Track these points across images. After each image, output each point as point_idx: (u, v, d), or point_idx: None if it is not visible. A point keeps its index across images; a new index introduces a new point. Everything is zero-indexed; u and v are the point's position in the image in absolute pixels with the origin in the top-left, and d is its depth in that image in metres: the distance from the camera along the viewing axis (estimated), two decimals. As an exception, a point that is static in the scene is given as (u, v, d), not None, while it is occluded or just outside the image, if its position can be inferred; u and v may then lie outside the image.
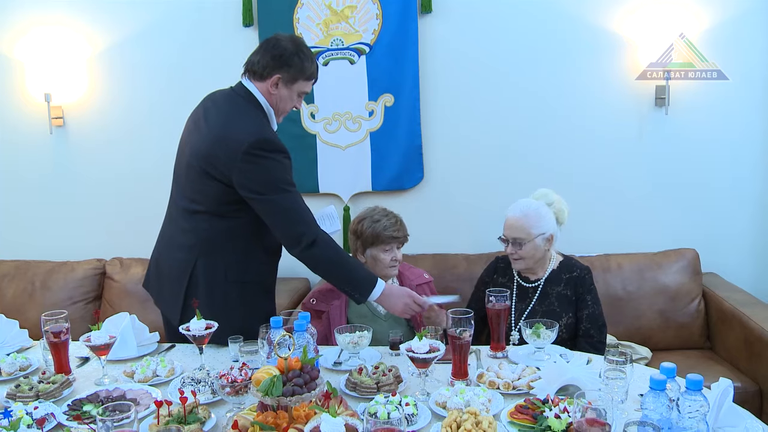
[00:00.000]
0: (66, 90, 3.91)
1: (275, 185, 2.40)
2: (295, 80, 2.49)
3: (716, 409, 1.74)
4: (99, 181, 4.00)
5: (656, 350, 3.31)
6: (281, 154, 2.44)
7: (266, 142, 2.40)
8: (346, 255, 2.55)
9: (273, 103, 2.52)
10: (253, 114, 2.48)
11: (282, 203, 2.41)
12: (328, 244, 2.45)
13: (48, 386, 2.11)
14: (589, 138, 3.78)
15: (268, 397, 1.69)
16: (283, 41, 2.49)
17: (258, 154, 2.37)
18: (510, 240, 2.79)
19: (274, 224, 2.44)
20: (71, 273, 3.81)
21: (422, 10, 3.73)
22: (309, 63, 2.51)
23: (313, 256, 2.43)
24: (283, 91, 2.50)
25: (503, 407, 1.96)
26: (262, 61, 2.48)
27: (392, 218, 2.89)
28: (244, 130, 2.41)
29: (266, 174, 2.40)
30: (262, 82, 2.49)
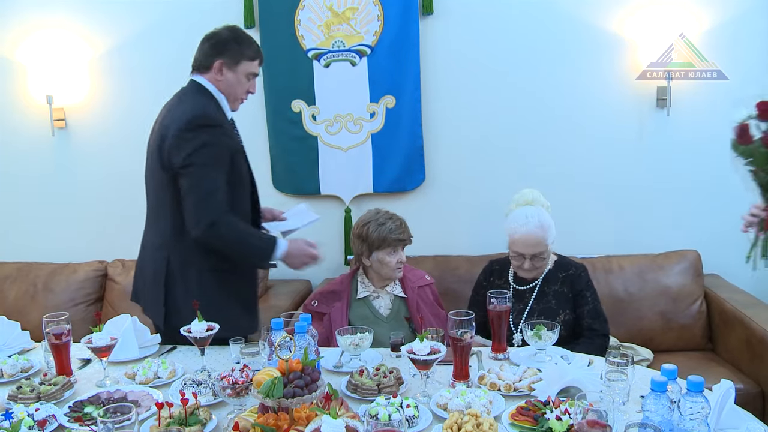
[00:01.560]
0: (68, 92, 3.92)
1: (202, 157, 2.43)
2: (237, 62, 2.56)
3: (717, 411, 1.73)
4: (101, 183, 4.00)
5: (658, 352, 3.31)
6: (217, 129, 2.48)
7: (203, 117, 2.46)
8: (246, 233, 2.54)
9: (223, 89, 2.58)
10: (198, 98, 2.55)
11: (199, 179, 2.43)
12: (227, 227, 2.46)
13: (49, 388, 2.11)
14: (591, 139, 3.78)
15: (269, 399, 1.69)
16: (220, 31, 2.62)
17: (193, 129, 2.43)
18: (529, 256, 2.78)
19: (184, 200, 2.46)
20: (73, 275, 3.82)
21: (423, 12, 3.73)
22: (247, 45, 2.60)
23: (210, 236, 2.45)
24: (229, 75, 2.57)
25: (504, 409, 1.96)
26: (203, 52, 2.60)
27: (396, 221, 2.90)
28: (184, 111, 2.49)
29: (196, 147, 2.43)
30: (209, 72, 2.57)
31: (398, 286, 2.91)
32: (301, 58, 3.78)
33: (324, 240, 3.93)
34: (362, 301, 2.90)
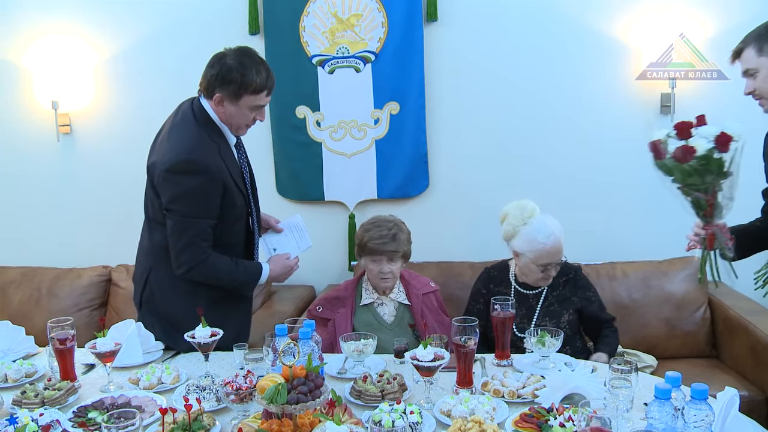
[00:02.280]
0: (73, 97, 3.94)
1: (183, 206, 2.43)
2: (238, 96, 2.44)
3: (722, 419, 1.73)
4: (105, 188, 4.01)
5: (662, 359, 3.30)
6: (203, 177, 2.42)
7: (188, 162, 2.41)
8: (225, 272, 2.53)
9: (224, 120, 2.52)
10: (194, 133, 2.48)
11: (180, 225, 2.45)
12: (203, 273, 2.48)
13: (53, 393, 2.11)
14: (595, 145, 3.79)
15: (272, 405, 1.69)
16: (226, 57, 2.46)
17: (177, 174, 2.41)
18: (553, 265, 2.84)
19: (170, 242, 2.48)
20: (77, 280, 3.83)
21: (427, 19, 3.74)
22: (253, 75, 2.43)
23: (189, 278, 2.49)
24: (230, 107, 2.47)
25: (508, 416, 1.96)
26: (205, 80, 2.49)
27: (386, 230, 2.86)
28: (173, 149, 2.44)
29: (179, 193, 2.43)
30: (210, 100, 2.50)
31: (402, 293, 2.91)
32: (305, 64, 3.79)
33: (328, 246, 3.99)
34: (366, 307, 2.90)
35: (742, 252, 2.40)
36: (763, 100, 2.24)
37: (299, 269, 3.77)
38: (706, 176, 2.16)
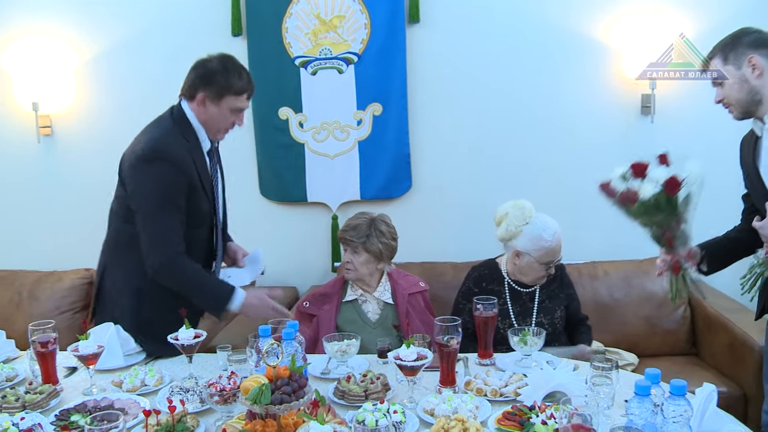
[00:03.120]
0: (53, 99, 3.91)
1: (152, 196, 2.43)
2: (221, 96, 2.49)
3: (700, 414, 1.76)
4: (87, 190, 3.98)
5: (643, 356, 3.33)
6: (172, 168, 2.43)
7: (158, 151, 2.43)
8: (198, 278, 2.50)
9: (203, 120, 2.54)
10: (167, 128, 2.51)
11: (152, 219, 2.43)
12: (177, 270, 2.45)
13: (35, 397, 2.10)
14: (577, 146, 3.82)
15: (256, 406, 1.69)
16: (210, 60, 2.54)
17: (147, 162, 2.42)
18: (554, 263, 2.91)
19: (140, 239, 2.46)
20: (59, 282, 3.80)
21: (410, 20, 3.76)
22: (235, 78, 2.50)
23: (160, 277, 2.45)
24: (212, 108, 2.51)
25: (491, 414, 1.98)
26: (189, 81, 2.54)
27: (356, 221, 2.94)
28: (146, 139, 2.48)
29: (148, 183, 2.43)
30: (193, 102, 2.53)
31: (388, 291, 2.92)
32: (288, 65, 3.79)
33: (311, 247, 3.99)
34: (351, 304, 2.92)
35: (715, 266, 2.52)
36: (731, 108, 2.32)
37: (282, 270, 3.80)
38: (655, 216, 2.26)
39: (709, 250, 2.45)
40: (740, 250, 2.52)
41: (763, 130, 2.30)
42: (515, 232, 2.89)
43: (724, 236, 2.59)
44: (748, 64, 2.24)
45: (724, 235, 2.60)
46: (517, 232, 2.89)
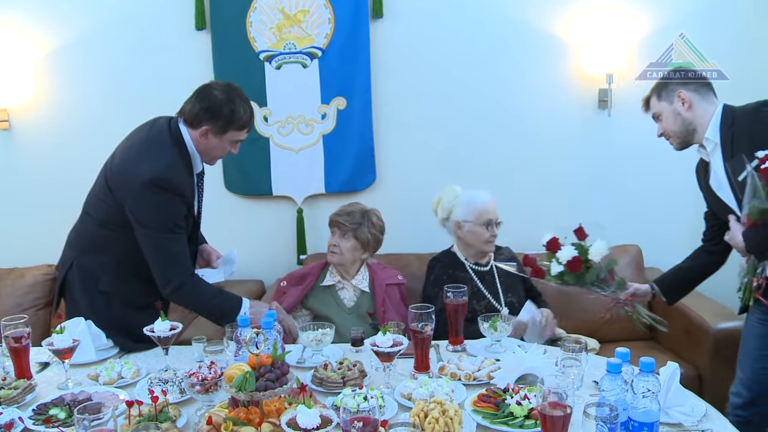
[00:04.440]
0: (11, 92, 3.83)
1: (162, 223, 2.46)
2: (224, 131, 2.51)
3: (666, 391, 1.86)
4: (47, 185, 3.93)
5: (604, 342, 3.44)
6: (178, 197, 2.47)
7: (165, 181, 2.43)
8: (210, 295, 2.55)
9: (201, 150, 2.56)
10: (168, 152, 2.51)
11: (163, 243, 2.47)
12: (193, 289, 2.52)
13: (10, 392, 2.09)
14: (538, 139, 3.91)
15: (241, 393, 1.73)
16: (216, 90, 2.51)
17: (154, 191, 2.42)
18: (494, 222, 3.05)
19: (150, 260, 2.49)
20: (20, 279, 3.72)
21: (373, 15, 3.80)
22: (240, 113, 2.51)
23: (177, 298, 2.53)
24: (213, 140, 2.53)
25: (466, 397, 2.05)
26: (193, 111, 2.51)
27: (350, 208, 3.07)
28: (149, 165, 2.45)
29: (156, 210, 2.45)
30: (193, 131, 2.53)
31: (365, 280, 2.99)
32: (252, 60, 3.79)
33: (277, 240, 4.01)
34: (327, 289, 3.01)
35: (675, 296, 2.90)
36: (672, 140, 2.59)
37: (248, 264, 3.79)
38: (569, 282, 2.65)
39: (663, 284, 2.87)
40: (695, 277, 2.85)
41: (708, 156, 2.54)
42: (449, 207, 3.13)
43: (676, 267, 2.90)
44: (678, 98, 2.52)
45: (677, 266, 2.90)
46: (451, 207, 3.13)
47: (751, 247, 2.36)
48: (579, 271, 2.59)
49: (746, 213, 2.33)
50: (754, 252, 2.39)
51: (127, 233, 2.49)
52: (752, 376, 2.60)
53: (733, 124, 2.42)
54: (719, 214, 2.57)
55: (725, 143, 2.43)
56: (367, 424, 1.56)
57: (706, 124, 2.48)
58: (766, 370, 2.57)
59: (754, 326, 2.61)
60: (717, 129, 2.46)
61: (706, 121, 2.48)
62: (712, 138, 2.47)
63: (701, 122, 2.49)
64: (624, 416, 1.65)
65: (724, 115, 2.46)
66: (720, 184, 2.50)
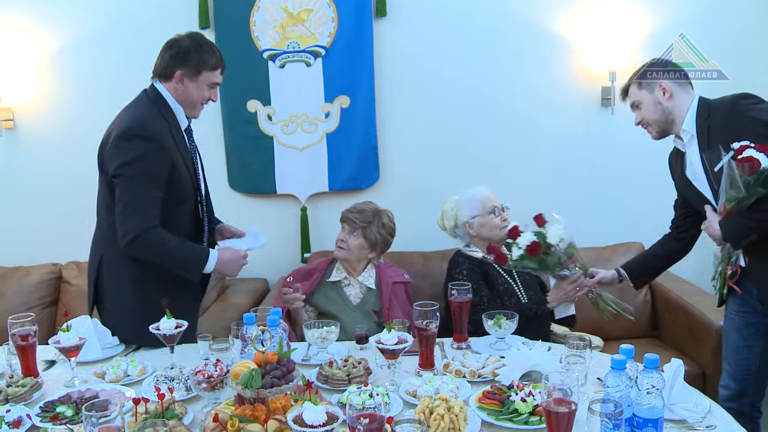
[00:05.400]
0: (16, 92, 3.85)
1: (131, 170, 2.44)
2: (198, 72, 2.56)
3: (670, 387, 1.86)
4: (52, 184, 3.95)
5: (607, 340, 3.45)
6: (153, 144, 2.46)
7: (140, 128, 2.46)
8: (170, 246, 2.49)
9: (181, 98, 2.59)
10: (145, 108, 2.55)
11: (128, 191, 2.45)
12: (150, 240, 2.45)
13: (17, 390, 2.10)
14: (541, 137, 3.93)
15: (247, 390, 1.73)
16: (181, 39, 2.59)
17: (128, 139, 2.44)
18: (500, 207, 3.11)
19: (116, 210, 2.47)
20: (26, 278, 3.75)
21: (377, 14, 3.81)
22: (209, 54, 2.57)
23: (134, 250, 2.46)
24: (189, 84, 2.57)
25: (471, 394, 2.05)
26: (163, 62, 2.58)
27: (361, 206, 3.10)
28: (127, 118, 2.51)
29: (128, 157, 2.44)
30: (169, 81, 2.57)
31: (372, 278, 3.01)
32: (256, 58, 3.81)
33: (281, 238, 4.02)
34: (334, 285, 3.02)
35: (641, 283, 3.00)
36: (650, 128, 2.63)
37: (252, 262, 3.80)
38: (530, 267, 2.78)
39: (631, 270, 2.95)
40: (661, 264, 2.94)
41: (684, 146, 2.58)
42: (454, 214, 3.18)
43: (644, 254, 3.04)
44: (659, 87, 2.56)
45: (644, 252, 3.03)
46: (455, 213, 3.17)
47: (727, 235, 2.40)
48: (538, 255, 2.70)
49: (723, 203, 2.38)
50: (729, 240, 2.43)
51: None
52: (737, 367, 2.66)
53: (709, 117, 2.46)
54: (694, 204, 2.63)
55: (701, 135, 2.48)
56: (373, 421, 1.56)
57: (683, 114, 2.53)
58: (749, 360, 2.62)
59: (733, 318, 2.67)
60: (693, 121, 2.51)
61: (683, 112, 2.53)
62: (689, 129, 2.52)
63: (680, 113, 2.53)
64: (628, 412, 1.65)
65: (699, 107, 2.51)
66: (696, 175, 2.55)
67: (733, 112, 2.40)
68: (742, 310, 2.61)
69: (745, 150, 2.26)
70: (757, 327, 2.57)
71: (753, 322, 2.58)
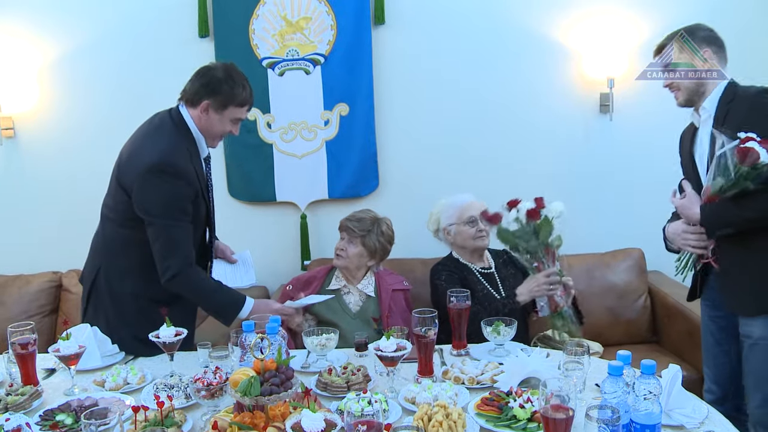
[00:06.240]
0: (16, 100, 3.86)
1: (166, 210, 2.47)
2: (225, 106, 2.56)
3: (667, 393, 1.87)
4: (52, 192, 3.95)
5: (607, 345, 3.44)
6: (182, 181, 2.49)
7: (168, 165, 2.46)
8: (209, 289, 2.57)
9: (203, 128, 2.59)
10: (172, 138, 2.55)
11: (165, 230, 2.48)
12: (189, 280, 2.52)
13: (17, 398, 2.11)
14: (541, 143, 3.93)
15: (246, 398, 1.74)
16: (214, 69, 2.59)
17: (157, 176, 2.45)
18: (478, 218, 3.07)
19: (153, 249, 2.51)
20: (26, 286, 3.75)
21: (375, 22, 3.82)
22: (240, 90, 2.57)
23: (174, 286, 2.50)
24: (214, 116, 2.57)
25: (469, 400, 2.06)
26: (193, 88, 2.57)
27: (360, 214, 3.11)
28: (152, 150, 2.50)
29: (160, 196, 2.47)
30: (195, 109, 2.57)
31: (371, 285, 3.02)
32: (255, 67, 3.81)
33: (281, 246, 4.02)
34: (333, 293, 3.02)
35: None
36: (678, 93, 2.58)
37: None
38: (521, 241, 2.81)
39: None
40: None
41: (700, 122, 2.55)
42: (437, 218, 3.23)
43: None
44: (702, 55, 2.50)
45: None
46: (438, 217, 3.23)
47: (705, 221, 2.42)
48: (537, 219, 2.76)
49: (708, 186, 2.39)
50: (706, 226, 2.44)
51: (145, 230, 2.51)
52: (716, 371, 2.68)
53: (732, 101, 2.44)
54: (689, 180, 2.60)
55: (719, 117, 2.45)
56: (371, 428, 1.57)
57: (711, 90, 2.49)
58: (726, 364, 2.64)
59: (707, 323, 2.70)
60: (716, 100, 2.48)
61: (712, 88, 2.49)
62: (709, 108, 2.50)
63: (711, 87, 2.50)
64: (626, 418, 1.66)
65: (727, 89, 2.48)
66: (701, 155, 2.55)
67: (755, 103, 2.39)
68: (714, 314, 2.65)
69: (749, 141, 2.25)
70: (729, 331, 2.59)
71: (725, 326, 2.61)
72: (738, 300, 2.48)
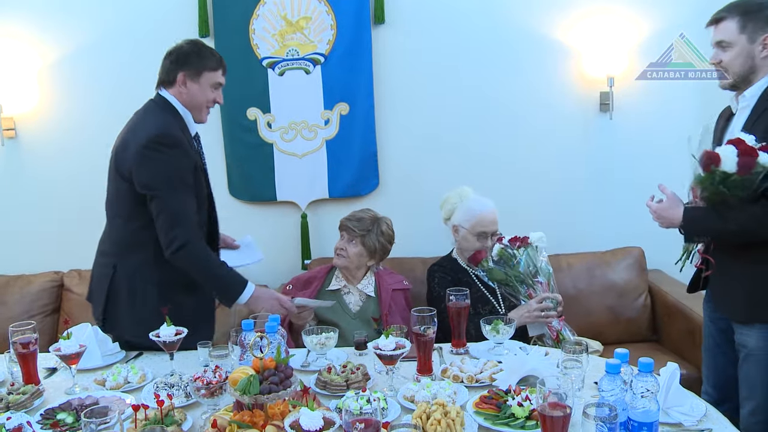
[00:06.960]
0: (17, 101, 3.87)
1: (167, 181, 2.48)
2: (199, 73, 2.61)
3: (665, 391, 1.88)
4: (53, 192, 3.95)
5: (607, 344, 3.46)
6: (179, 150, 2.52)
7: (165, 136, 2.50)
8: (214, 264, 2.57)
9: (187, 102, 2.63)
10: (161, 115, 2.59)
11: (168, 202, 2.48)
12: (196, 252, 2.51)
13: (18, 397, 2.12)
14: (541, 142, 3.94)
15: (245, 396, 1.75)
16: (180, 46, 2.67)
17: (155, 148, 2.47)
18: (488, 234, 3.07)
19: (156, 223, 2.50)
20: (27, 286, 3.76)
21: (375, 21, 3.82)
22: (209, 55, 2.65)
23: (179, 258, 2.49)
24: (193, 86, 2.62)
25: (468, 399, 2.06)
26: (165, 69, 2.65)
27: (360, 213, 3.12)
28: (145, 128, 2.54)
29: (160, 168, 2.48)
30: (173, 87, 2.62)
31: (371, 285, 3.03)
32: (255, 66, 3.82)
33: (281, 245, 4.03)
34: (333, 293, 3.02)
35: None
36: (725, 76, 2.39)
37: (252, 269, 3.84)
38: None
39: None
40: None
41: (737, 109, 2.41)
42: (452, 209, 3.20)
43: None
44: (762, 42, 2.29)
45: None
46: (453, 209, 3.20)
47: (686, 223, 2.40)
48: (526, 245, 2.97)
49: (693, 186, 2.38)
50: (685, 230, 2.45)
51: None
52: (716, 373, 2.66)
53: None
54: None
55: (756, 111, 2.31)
56: (369, 426, 1.58)
57: (759, 80, 2.32)
58: (726, 366, 2.60)
59: (708, 325, 2.68)
60: (759, 93, 2.32)
61: (761, 77, 2.31)
62: (749, 98, 2.34)
63: (760, 76, 2.31)
64: (623, 416, 1.67)
65: None
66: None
67: None
68: (714, 316, 2.62)
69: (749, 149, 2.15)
70: (728, 334, 2.54)
71: (724, 329, 2.57)
72: (730, 306, 2.46)
